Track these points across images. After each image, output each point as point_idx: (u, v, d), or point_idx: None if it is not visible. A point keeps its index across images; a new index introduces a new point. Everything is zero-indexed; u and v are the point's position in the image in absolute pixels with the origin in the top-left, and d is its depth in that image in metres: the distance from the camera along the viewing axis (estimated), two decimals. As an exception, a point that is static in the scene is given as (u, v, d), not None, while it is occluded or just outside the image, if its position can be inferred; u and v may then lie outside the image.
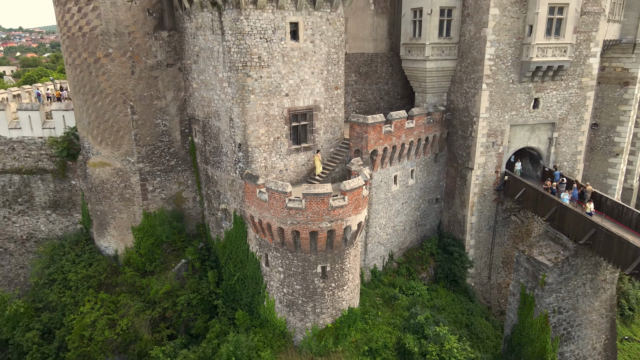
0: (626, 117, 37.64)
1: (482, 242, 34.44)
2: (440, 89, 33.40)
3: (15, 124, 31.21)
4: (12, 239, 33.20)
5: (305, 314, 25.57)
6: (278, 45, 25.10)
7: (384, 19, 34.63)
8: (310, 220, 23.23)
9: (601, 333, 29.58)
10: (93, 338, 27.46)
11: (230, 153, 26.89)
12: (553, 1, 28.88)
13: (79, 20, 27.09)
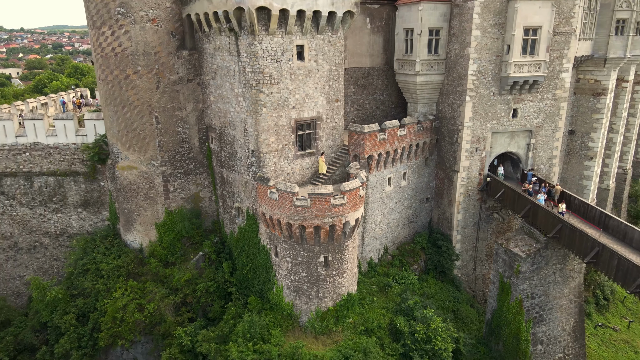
0: (599, 125, 41.54)
1: (468, 237, 38.32)
2: (430, 99, 37.27)
3: (51, 132, 35.11)
4: (47, 234, 37.14)
5: (309, 298, 29.45)
6: (286, 65, 28.98)
7: (380, 36, 38.48)
8: (315, 217, 27.09)
9: (570, 316, 33.49)
10: (124, 320, 31.41)
11: (244, 158, 30.80)
12: (528, 24, 32.79)
13: (112, 42, 31.00)
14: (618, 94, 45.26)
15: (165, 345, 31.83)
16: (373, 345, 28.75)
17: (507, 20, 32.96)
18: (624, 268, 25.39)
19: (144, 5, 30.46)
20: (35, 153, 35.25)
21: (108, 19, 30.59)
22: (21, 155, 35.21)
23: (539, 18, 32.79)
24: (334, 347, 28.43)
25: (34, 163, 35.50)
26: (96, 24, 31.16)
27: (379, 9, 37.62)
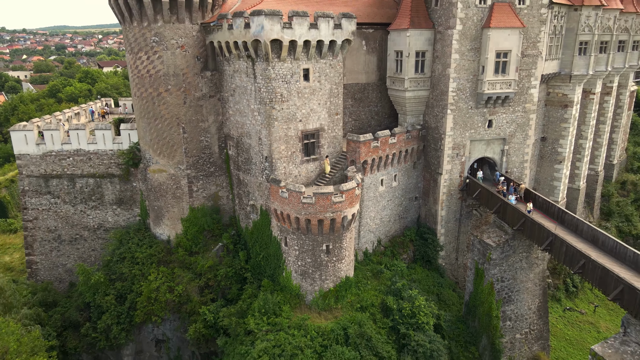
0: (566, 133, 47.32)
1: (450, 231, 44.06)
2: (417, 111, 43.00)
3: (92, 140, 40.86)
4: (86, 228, 42.91)
5: (314, 280, 35.19)
6: (294, 85, 34.71)
7: (374, 56, 44.18)
8: (318, 212, 32.80)
9: (535, 297, 39.27)
10: (157, 299, 37.17)
11: (259, 163, 36.56)
12: (499, 48, 38.54)
13: (147, 65, 36.78)
14: (586, 105, 51.03)
15: (191, 322, 37.56)
16: (367, 319, 34.47)
17: (481, 46, 38.68)
18: (570, 253, 31.17)
19: (175, 34, 36.24)
20: (78, 158, 41.01)
21: (144, 46, 36.36)
22: (66, 160, 40.98)
23: (508, 43, 38.53)
24: (334, 320, 34.18)
25: (77, 167, 41.27)
26: (134, 50, 36.93)
27: (373, 32, 43.30)
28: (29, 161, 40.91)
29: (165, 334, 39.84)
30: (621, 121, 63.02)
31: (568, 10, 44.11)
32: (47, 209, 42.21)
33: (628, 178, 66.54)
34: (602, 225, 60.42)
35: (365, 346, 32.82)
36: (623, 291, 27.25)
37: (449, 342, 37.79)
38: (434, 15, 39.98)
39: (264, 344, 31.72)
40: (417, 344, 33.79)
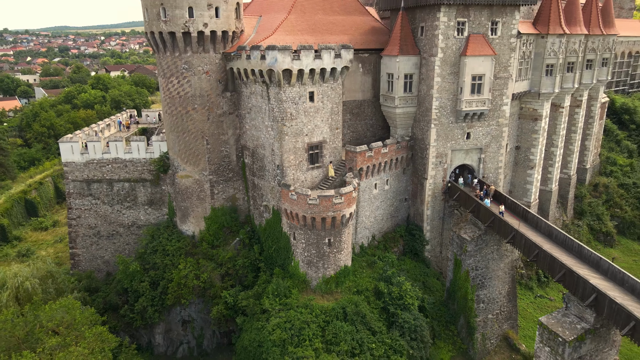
0: (537, 142, 54.28)
1: (435, 228, 50.96)
2: (406, 125, 49.89)
3: (128, 150, 47.79)
4: (122, 225, 49.87)
5: (318, 268, 42.10)
6: (302, 105, 41.60)
7: (369, 77, 51.05)
8: (322, 211, 39.68)
9: (505, 284, 46.24)
10: (186, 285, 44.10)
11: (271, 170, 43.49)
12: (474, 73, 45.42)
13: (178, 88, 43.73)
14: (556, 117, 57.98)
15: (214, 304, 44.51)
16: (362, 301, 41.39)
17: (459, 70, 45.58)
18: (528, 245, 38.14)
19: (201, 62, 43.20)
20: (116, 165, 47.97)
21: (175, 72, 43.33)
22: (105, 167, 47.93)
23: (482, 68, 45.44)
24: (335, 301, 41.11)
25: (114, 172, 48.23)
26: (166, 75, 43.88)
27: (368, 56, 50.18)
28: (74, 168, 47.87)
29: (190, 315, 46.82)
30: (593, 130, 69.95)
31: (536, 38, 51.09)
32: (88, 208, 49.18)
33: (600, 181, 73.55)
34: (574, 224, 67.53)
35: (360, 322, 39.74)
36: (565, 274, 34.21)
37: (432, 321, 44.79)
38: (420, 44, 46.90)
39: (277, 320, 38.65)
40: (403, 321, 40.71)
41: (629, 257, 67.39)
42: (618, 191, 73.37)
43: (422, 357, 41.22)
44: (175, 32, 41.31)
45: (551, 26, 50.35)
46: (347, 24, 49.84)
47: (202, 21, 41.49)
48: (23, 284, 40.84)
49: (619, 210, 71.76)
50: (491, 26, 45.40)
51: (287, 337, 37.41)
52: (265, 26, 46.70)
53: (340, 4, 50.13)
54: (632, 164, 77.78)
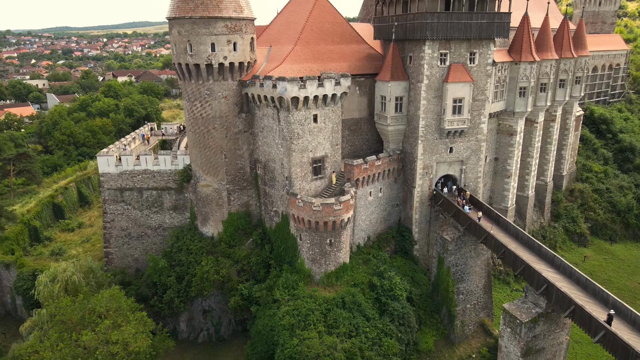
0: (513, 154, 61.66)
1: (423, 230, 58.28)
2: (398, 140, 57.17)
3: (156, 162, 55.13)
4: (150, 227, 57.23)
5: (320, 264, 49.41)
6: (307, 126, 48.93)
7: (365, 98, 58.33)
8: (324, 216, 46.97)
9: (481, 278, 53.63)
10: (207, 279, 51.40)
11: (281, 180, 50.83)
12: (455, 96, 52.73)
13: (200, 110, 51.07)
14: (531, 132, 65.38)
15: (231, 296, 51.79)
16: (358, 292, 48.70)
17: (442, 94, 52.90)
18: (497, 244, 45.52)
19: (221, 88, 50.54)
20: (145, 176, 55.33)
21: (199, 97, 50.69)
22: (136, 177, 55.29)
23: (462, 93, 52.78)
24: (335, 292, 48.44)
25: (144, 182, 55.58)
26: (191, 99, 51.25)
27: (364, 80, 57.46)
28: (109, 178, 55.24)
29: (210, 305, 54.19)
30: (568, 140, 77.37)
31: (510, 64, 58.49)
32: (121, 213, 56.55)
33: (576, 186, 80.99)
34: (551, 225, 74.95)
35: (356, 310, 47.09)
36: (524, 269, 41.61)
37: (418, 310, 52.20)
38: (409, 71, 54.26)
39: (286, 307, 46.01)
40: (393, 309, 48.08)
41: (600, 255, 74.78)
42: (592, 196, 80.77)
43: (409, 340, 48.65)
44: (200, 64, 48.67)
45: (523, 54, 57.75)
46: (346, 52, 57.14)
47: (223, 54, 48.86)
48: (71, 278, 48.27)
49: (592, 214, 79.11)
50: (469, 56, 52.75)
51: (295, 322, 44.76)
52: (275, 56, 54.03)
53: (340, 35, 57.42)
54: (606, 171, 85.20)
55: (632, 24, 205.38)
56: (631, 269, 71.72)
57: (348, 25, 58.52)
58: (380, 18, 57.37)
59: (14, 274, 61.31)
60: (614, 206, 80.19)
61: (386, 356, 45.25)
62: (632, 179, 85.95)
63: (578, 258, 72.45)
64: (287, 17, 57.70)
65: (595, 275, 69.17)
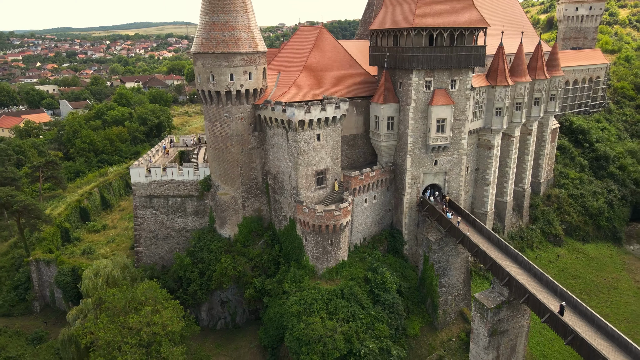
0: (491, 165, 70.29)
1: (411, 232, 66.85)
2: (390, 154, 65.72)
3: (180, 173, 63.75)
4: (174, 230, 65.83)
5: (323, 261, 57.99)
6: (311, 144, 57.45)
7: (361, 116, 66.89)
8: (326, 220, 55.52)
9: (461, 273, 62.27)
10: (225, 274, 60.01)
11: (289, 189, 59.45)
12: (439, 117, 61.29)
13: (220, 130, 59.68)
14: (508, 145, 74.00)
15: (246, 288, 60.35)
16: (355, 285, 57.26)
17: (428, 115, 61.46)
18: (471, 244, 54.14)
19: (238, 111, 59.13)
20: (171, 185, 63.94)
21: (219, 118, 59.29)
22: (163, 186, 63.91)
23: (444, 114, 61.36)
24: (335, 285, 57.01)
25: (170, 190, 64.19)
26: (212, 120, 59.87)
27: (361, 102, 66.07)
28: (140, 187, 63.86)
29: (227, 297, 62.79)
30: (545, 151, 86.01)
31: (488, 88, 67.14)
32: (149, 217, 65.17)
33: (553, 192, 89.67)
34: (528, 227, 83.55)
35: (353, 300, 55.69)
36: (492, 265, 50.24)
37: (406, 301, 60.81)
38: (399, 94, 62.87)
39: (294, 298, 54.61)
40: (384, 300, 56.69)
41: (573, 254, 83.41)
42: (568, 200, 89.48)
43: (397, 326, 57.29)
44: (220, 91, 57.30)
45: (498, 79, 66.40)
46: (345, 77, 65.76)
47: (239, 83, 57.47)
48: (111, 273, 56.88)
49: (567, 216, 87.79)
50: (451, 83, 61.36)
51: (301, 310, 53.37)
52: (283, 81, 62.63)
53: (339, 62, 65.99)
54: (581, 178, 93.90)
55: (622, 32, 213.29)
56: (599, 266, 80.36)
57: (346, 54, 67.11)
58: (374, 48, 65.94)
59: (54, 270, 69.95)
60: (587, 210, 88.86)
61: (378, 339, 53.84)
62: (605, 184, 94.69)
63: (552, 256, 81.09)
64: (294, 47, 66.32)
65: (566, 271, 77.96)
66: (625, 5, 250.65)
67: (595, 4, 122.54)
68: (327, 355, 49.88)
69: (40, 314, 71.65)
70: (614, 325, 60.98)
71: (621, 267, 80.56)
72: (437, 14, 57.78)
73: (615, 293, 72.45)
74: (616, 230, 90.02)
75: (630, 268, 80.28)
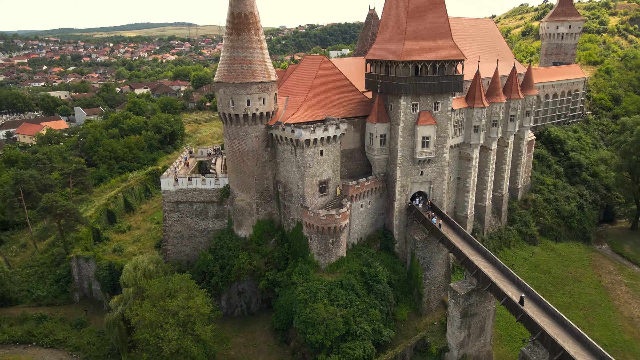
0: (470, 175, 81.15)
1: (401, 233, 77.64)
2: (382, 166, 76.50)
3: (203, 182, 74.58)
4: (197, 230, 76.66)
5: (325, 257, 68.78)
6: (316, 159, 68.24)
7: (358, 133, 77.62)
8: (328, 223, 66.25)
9: (442, 268, 73.19)
10: (242, 268, 70.84)
11: (297, 197, 70.29)
12: (424, 135, 72.08)
13: (238, 146, 70.51)
14: (487, 156, 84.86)
15: (260, 280, 71.23)
16: (352, 278, 68.05)
17: (414, 133, 72.24)
18: (449, 243, 65.01)
19: (253, 130, 69.96)
20: (195, 192, 74.78)
21: (237, 136, 70.11)
22: (189, 193, 74.74)
23: (429, 132, 72.15)
24: (336, 277, 67.82)
25: (194, 197, 75.02)
26: (231, 138, 70.71)
27: (358, 120, 76.81)
28: (169, 194, 74.69)
29: (244, 288, 73.64)
30: (522, 160, 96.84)
31: (466, 109, 78.02)
32: (176, 220, 76.02)
33: (530, 197, 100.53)
34: (506, 228, 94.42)
35: (351, 289, 66.50)
36: (465, 260, 61.09)
37: (396, 291, 71.67)
38: (390, 115, 73.67)
39: (301, 287, 65.46)
40: (377, 289, 67.52)
41: (546, 252, 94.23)
42: (543, 204, 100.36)
43: (388, 311, 68.17)
44: (239, 114, 68.14)
45: (476, 102, 77.28)
46: (344, 99, 76.59)
47: (255, 107, 68.32)
48: (147, 267, 67.72)
49: (542, 218, 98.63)
50: (434, 106, 72.19)
51: (307, 297, 64.18)
52: (291, 104, 73.44)
53: (339, 87, 76.75)
54: (556, 184, 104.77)
55: (610, 41, 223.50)
56: (568, 262, 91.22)
57: (345, 79, 77.93)
58: (369, 74, 76.72)
59: (92, 266, 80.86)
60: (559, 212, 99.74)
61: (371, 322, 64.72)
62: (578, 190, 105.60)
63: (527, 254, 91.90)
64: (300, 74, 77.16)
65: (538, 267, 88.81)
66: (616, 13, 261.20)
67: (574, 22, 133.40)
68: (329, 335, 60.71)
69: (80, 304, 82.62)
70: (573, 313, 72.62)
71: (587, 263, 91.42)
72: (422, 49, 68.63)
73: (579, 285, 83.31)
74: (586, 230, 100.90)
75: (595, 264, 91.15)
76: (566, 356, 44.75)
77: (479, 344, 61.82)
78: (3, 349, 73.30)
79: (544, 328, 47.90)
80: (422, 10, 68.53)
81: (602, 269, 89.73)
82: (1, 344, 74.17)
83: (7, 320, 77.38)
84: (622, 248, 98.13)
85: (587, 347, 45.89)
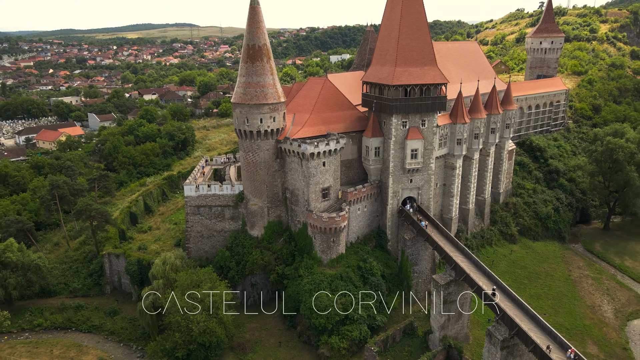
0: (454, 181, 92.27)
1: (393, 232, 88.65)
2: (377, 174, 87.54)
3: (221, 189, 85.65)
4: (215, 230, 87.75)
5: (327, 254, 79.82)
6: (319, 169, 79.28)
7: (356, 146, 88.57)
8: (329, 224, 77.25)
9: (429, 263, 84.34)
10: (255, 263, 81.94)
11: (302, 201, 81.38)
12: (412, 148, 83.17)
13: (252, 158, 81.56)
14: (470, 165, 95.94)
15: (270, 274, 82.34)
16: (351, 271, 79.05)
17: (404, 146, 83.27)
18: (433, 241, 76.16)
19: (265, 144, 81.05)
20: (214, 197, 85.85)
21: (251, 149, 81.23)
22: (208, 198, 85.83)
23: (417, 146, 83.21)
24: (336, 271, 78.87)
25: (213, 201, 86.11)
26: (246, 150, 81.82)
27: (355, 134, 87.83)
28: (190, 199, 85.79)
29: (256, 280, 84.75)
30: (503, 167, 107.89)
31: (450, 124, 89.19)
32: (197, 222, 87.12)
33: (511, 200, 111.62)
34: (489, 229, 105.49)
35: (349, 281, 77.59)
36: (445, 255, 72.23)
37: (388, 283, 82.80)
38: (383, 130, 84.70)
39: (306, 280, 76.59)
40: (372, 281, 78.62)
41: (524, 250, 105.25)
42: (522, 207, 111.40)
43: (381, 300, 79.27)
44: (253, 131, 79.27)
45: (458, 118, 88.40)
46: (343, 116, 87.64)
47: (267, 124, 79.43)
48: (174, 262, 78.84)
49: (521, 220, 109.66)
50: (422, 122, 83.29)
51: (312, 288, 75.29)
52: (298, 121, 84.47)
53: (340, 105, 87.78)
54: (535, 188, 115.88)
55: (598, 49, 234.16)
56: (543, 259, 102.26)
57: (344, 98, 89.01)
58: (365, 94, 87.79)
59: (122, 262, 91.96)
60: (537, 214, 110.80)
61: (367, 309, 75.88)
62: (555, 194, 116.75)
63: (507, 252, 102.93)
64: (305, 93, 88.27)
65: (516, 263, 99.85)
66: (606, 21, 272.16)
67: (556, 39, 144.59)
68: (330, 319, 71.86)
69: (111, 295, 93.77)
70: (543, 302, 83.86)
71: (560, 260, 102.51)
72: (410, 75, 79.74)
73: (550, 279, 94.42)
74: (561, 230, 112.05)
75: (567, 260, 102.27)
76: (521, 331, 55.91)
77: (458, 326, 72.90)
78: (47, 334, 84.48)
79: (505, 310, 59.01)
80: (410, 41, 79.65)
81: (573, 264, 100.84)
82: (45, 330, 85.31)
83: (48, 309, 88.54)
84: (593, 246, 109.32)
85: (538, 325, 57.05)
